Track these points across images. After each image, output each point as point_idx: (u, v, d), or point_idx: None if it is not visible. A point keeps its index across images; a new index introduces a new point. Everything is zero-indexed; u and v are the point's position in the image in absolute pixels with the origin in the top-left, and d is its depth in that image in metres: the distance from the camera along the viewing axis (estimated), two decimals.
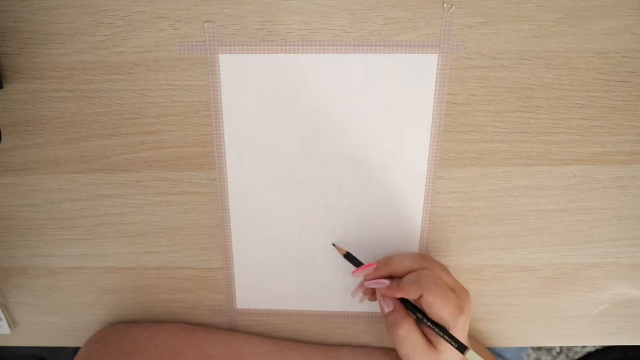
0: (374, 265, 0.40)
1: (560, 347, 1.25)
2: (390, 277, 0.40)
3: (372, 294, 0.42)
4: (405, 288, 0.38)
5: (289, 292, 0.46)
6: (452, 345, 0.37)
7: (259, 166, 0.41)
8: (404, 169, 0.41)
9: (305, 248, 0.44)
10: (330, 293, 0.46)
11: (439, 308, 0.36)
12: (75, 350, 0.47)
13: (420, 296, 0.37)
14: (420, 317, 0.38)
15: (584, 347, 1.21)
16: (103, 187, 0.42)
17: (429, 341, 0.38)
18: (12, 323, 0.49)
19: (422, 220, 0.43)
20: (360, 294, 0.43)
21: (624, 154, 0.40)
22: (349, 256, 0.42)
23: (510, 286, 0.45)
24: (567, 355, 1.25)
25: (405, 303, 0.39)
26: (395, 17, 0.37)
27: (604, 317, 0.47)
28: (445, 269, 0.40)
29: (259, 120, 0.40)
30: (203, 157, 0.41)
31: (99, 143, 0.41)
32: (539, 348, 1.25)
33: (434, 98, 0.39)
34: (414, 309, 0.39)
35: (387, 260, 0.40)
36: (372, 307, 0.46)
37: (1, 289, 0.47)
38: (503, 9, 0.36)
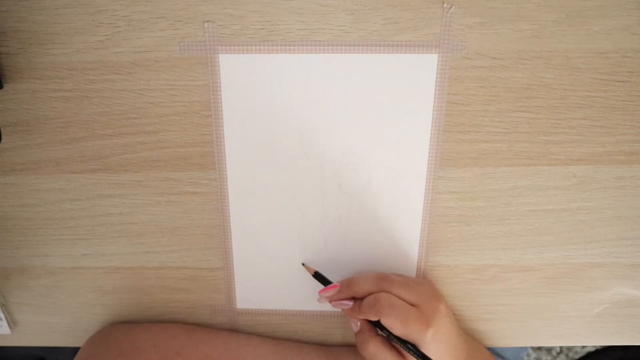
0: (337, 287, 0.41)
1: (560, 347, 1.25)
2: (354, 298, 0.41)
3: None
4: (364, 311, 0.38)
5: (289, 292, 0.46)
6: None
7: (259, 166, 0.41)
8: (404, 169, 0.41)
9: (305, 248, 0.44)
10: None
11: (399, 329, 0.37)
12: (75, 350, 0.47)
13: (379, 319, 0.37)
14: (387, 334, 0.38)
15: (584, 347, 1.21)
16: (103, 187, 0.42)
17: (401, 355, 0.39)
18: (12, 323, 0.49)
19: (422, 220, 0.43)
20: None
21: (624, 154, 0.40)
22: (317, 275, 0.43)
23: (510, 286, 0.45)
24: (567, 355, 1.25)
25: (373, 321, 0.39)
26: (395, 17, 0.37)
27: (604, 317, 0.47)
28: (406, 285, 0.39)
29: (259, 120, 0.40)
30: (203, 157, 0.41)
31: (99, 143, 0.41)
32: (539, 348, 1.26)
33: (434, 98, 0.39)
34: (381, 327, 0.39)
35: (348, 283, 0.41)
36: None
37: (1, 289, 0.47)
38: (503, 9, 0.36)
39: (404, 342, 0.37)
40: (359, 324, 0.40)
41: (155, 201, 0.43)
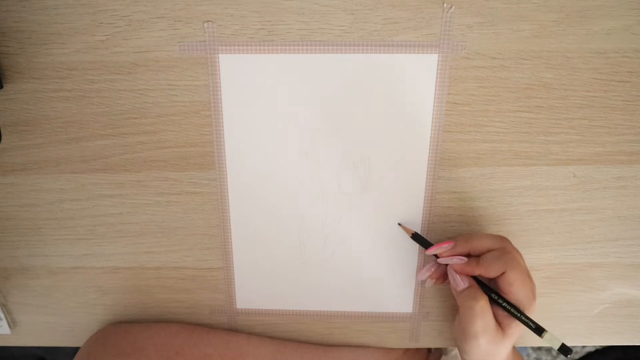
0: (452, 243, 0.40)
1: None
2: (467, 256, 0.40)
3: (440, 278, 0.42)
4: (486, 265, 0.38)
5: (289, 292, 0.46)
6: (529, 326, 0.36)
7: (259, 166, 0.41)
8: (404, 169, 0.41)
9: (305, 248, 0.44)
10: (330, 293, 0.46)
11: (519, 286, 0.36)
12: (75, 350, 0.47)
13: (502, 274, 0.37)
14: (496, 297, 0.38)
15: (584, 347, 1.21)
16: (103, 187, 0.42)
17: (499, 324, 0.38)
18: (12, 323, 0.49)
19: (422, 220, 0.43)
20: (427, 279, 0.42)
21: (624, 154, 0.40)
22: (416, 236, 0.42)
23: None
24: None
25: (479, 284, 0.39)
26: (395, 17, 0.37)
27: (604, 317, 0.47)
28: (521, 254, 0.39)
29: (259, 120, 0.40)
30: (203, 157, 0.41)
31: (99, 143, 0.41)
32: (539, 348, 1.25)
33: (434, 98, 0.39)
34: (488, 290, 0.38)
35: (467, 238, 0.40)
36: (372, 307, 0.46)
37: (1, 289, 0.47)
38: (503, 9, 0.36)
39: (512, 305, 0.37)
40: (467, 281, 0.39)
41: (155, 201, 0.43)
